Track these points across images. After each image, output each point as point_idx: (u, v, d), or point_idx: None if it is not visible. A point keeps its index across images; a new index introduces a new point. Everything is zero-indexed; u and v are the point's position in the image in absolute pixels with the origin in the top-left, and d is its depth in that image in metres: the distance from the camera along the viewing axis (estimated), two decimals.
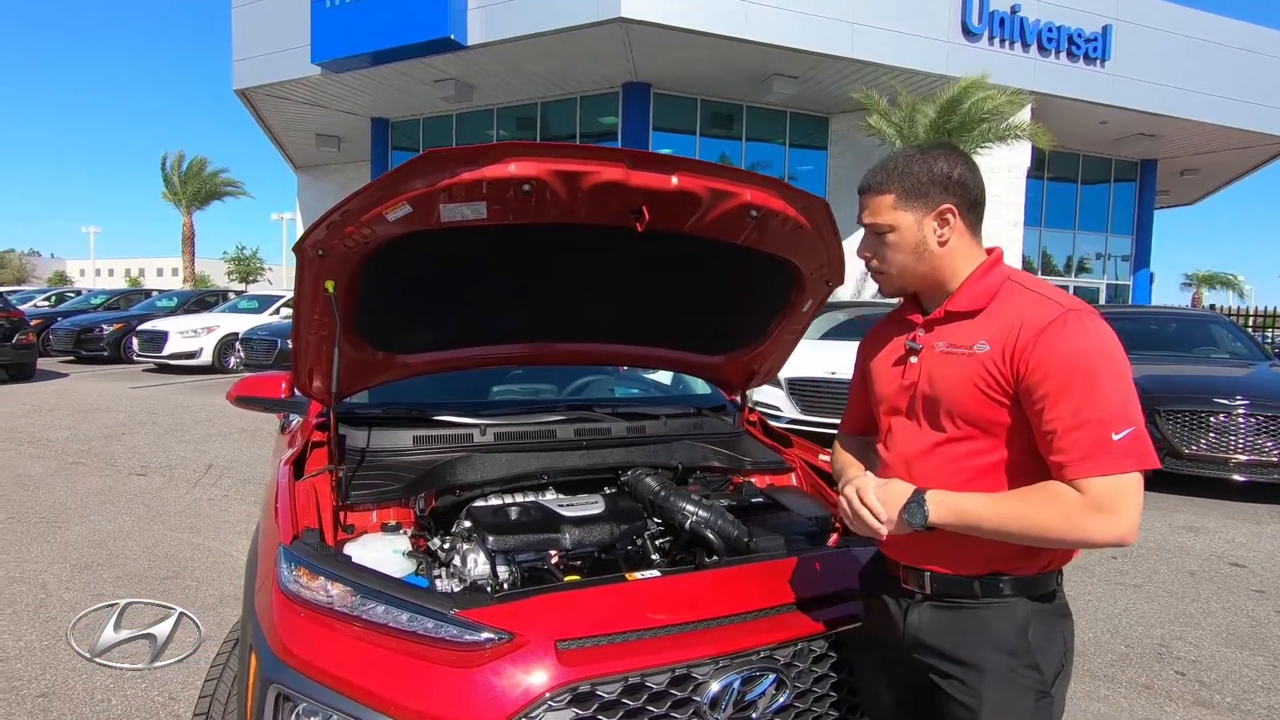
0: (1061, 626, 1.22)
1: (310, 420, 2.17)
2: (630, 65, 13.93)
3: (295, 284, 1.69)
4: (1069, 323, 1.11)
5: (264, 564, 1.56)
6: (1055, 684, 1.19)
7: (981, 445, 1.18)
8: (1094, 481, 1.06)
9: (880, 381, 1.34)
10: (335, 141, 18.92)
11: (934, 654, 1.22)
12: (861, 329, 8.29)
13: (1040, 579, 1.20)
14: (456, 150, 1.47)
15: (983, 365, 1.15)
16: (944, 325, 1.24)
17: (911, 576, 1.27)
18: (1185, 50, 15.17)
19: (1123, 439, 1.06)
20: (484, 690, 1.23)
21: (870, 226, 1.26)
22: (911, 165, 1.22)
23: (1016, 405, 1.14)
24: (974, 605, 1.20)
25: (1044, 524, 1.09)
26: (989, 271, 1.23)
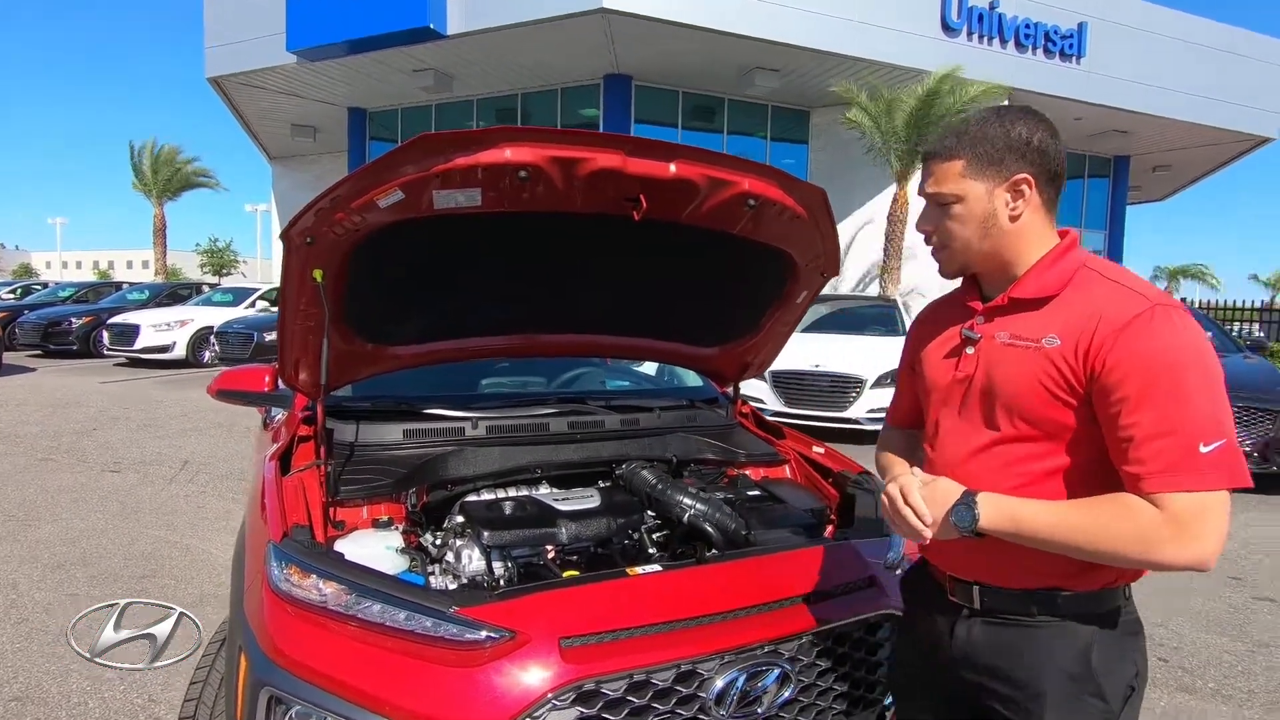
0: (1131, 647, 1.09)
1: (296, 414, 2.11)
2: (612, 57, 13.83)
3: (282, 272, 1.63)
4: (1156, 318, 0.98)
5: (252, 562, 1.51)
6: (1124, 710, 1.07)
7: (1041, 448, 1.07)
8: (1176, 497, 0.94)
9: (931, 372, 1.22)
10: (311, 132, 18.57)
11: (985, 673, 1.12)
12: (844, 322, 8.36)
13: (1103, 595, 1.08)
14: (451, 134, 1.42)
15: (1051, 361, 1.03)
16: (1007, 314, 1.11)
17: (958, 589, 1.16)
18: (1158, 48, 15.39)
19: (1212, 451, 0.94)
20: (485, 690, 1.20)
21: (933, 196, 1.12)
22: (986, 128, 1.09)
23: (1086, 407, 1.02)
24: (1030, 624, 1.09)
25: (1112, 540, 0.97)
26: (1062, 256, 1.09)
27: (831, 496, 2.10)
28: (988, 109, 1.14)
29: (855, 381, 7.00)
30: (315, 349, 1.80)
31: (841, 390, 7.04)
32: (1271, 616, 3.49)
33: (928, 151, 1.14)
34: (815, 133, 16.30)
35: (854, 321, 8.35)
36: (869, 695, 1.49)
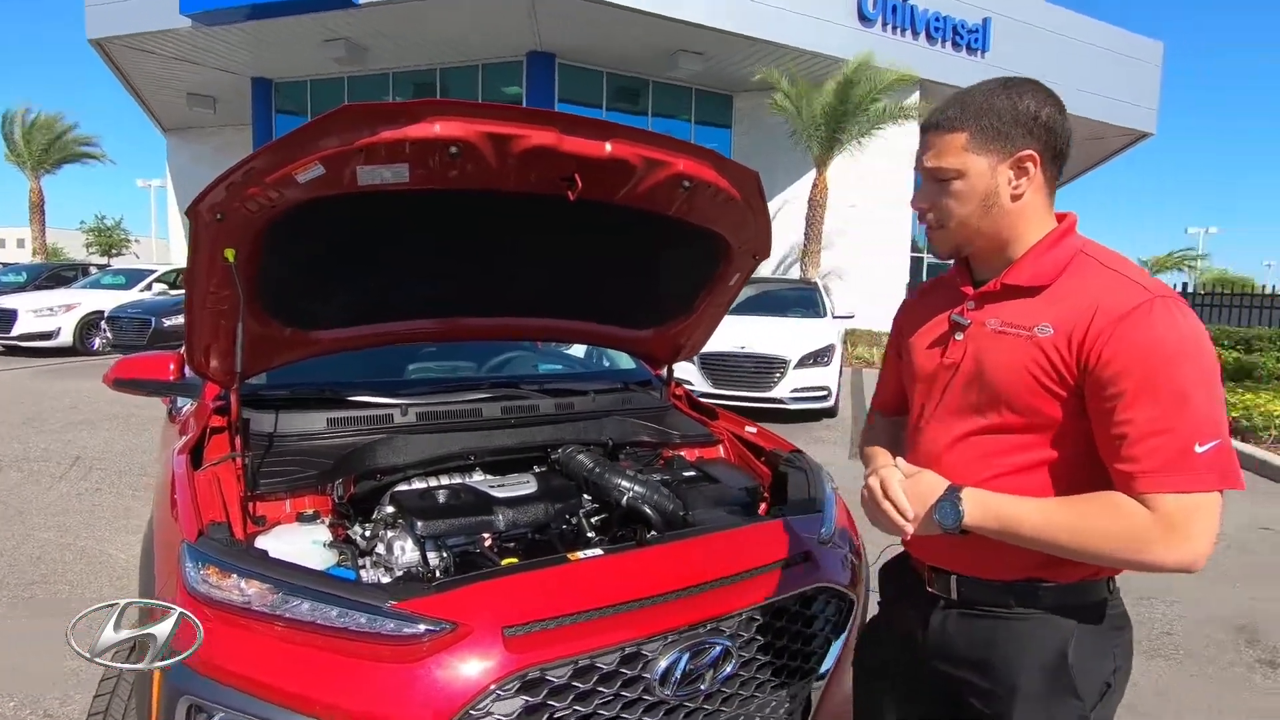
0: (1113, 642, 1.07)
1: (207, 404, 1.97)
2: (535, 34, 13.52)
3: (188, 251, 1.51)
4: (1155, 310, 0.94)
5: (163, 564, 1.41)
6: (1098, 708, 1.05)
7: (1026, 440, 1.03)
8: (1167, 498, 0.91)
9: (917, 358, 1.18)
10: (210, 102, 17.34)
11: (960, 665, 1.10)
12: (768, 304, 8.53)
13: (1085, 587, 1.05)
14: (377, 107, 1.35)
15: (1043, 351, 0.99)
16: (999, 300, 1.07)
17: (937, 579, 1.13)
18: (1053, 46, 16.36)
19: (1207, 452, 0.91)
20: (426, 685, 1.16)
21: (932, 171, 1.06)
22: (993, 100, 1.03)
23: (1075, 400, 0.99)
24: (1007, 616, 1.06)
25: (1100, 541, 0.94)
26: (1059, 241, 1.05)
27: (764, 475, 2.15)
28: (993, 79, 1.08)
29: (779, 362, 7.18)
30: (228, 334, 1.69)
31: (766, 371, 7.21)
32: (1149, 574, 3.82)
33: (928, 123, 1.08)
34: (738, 117, 16.51)
35: (777, 304, 8.55)
36: (805, 665, 1.53)
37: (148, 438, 6.01)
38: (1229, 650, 3.01)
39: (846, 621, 1.61)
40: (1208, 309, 16.93)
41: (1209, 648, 3.03)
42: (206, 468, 1.66)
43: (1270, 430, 6.50)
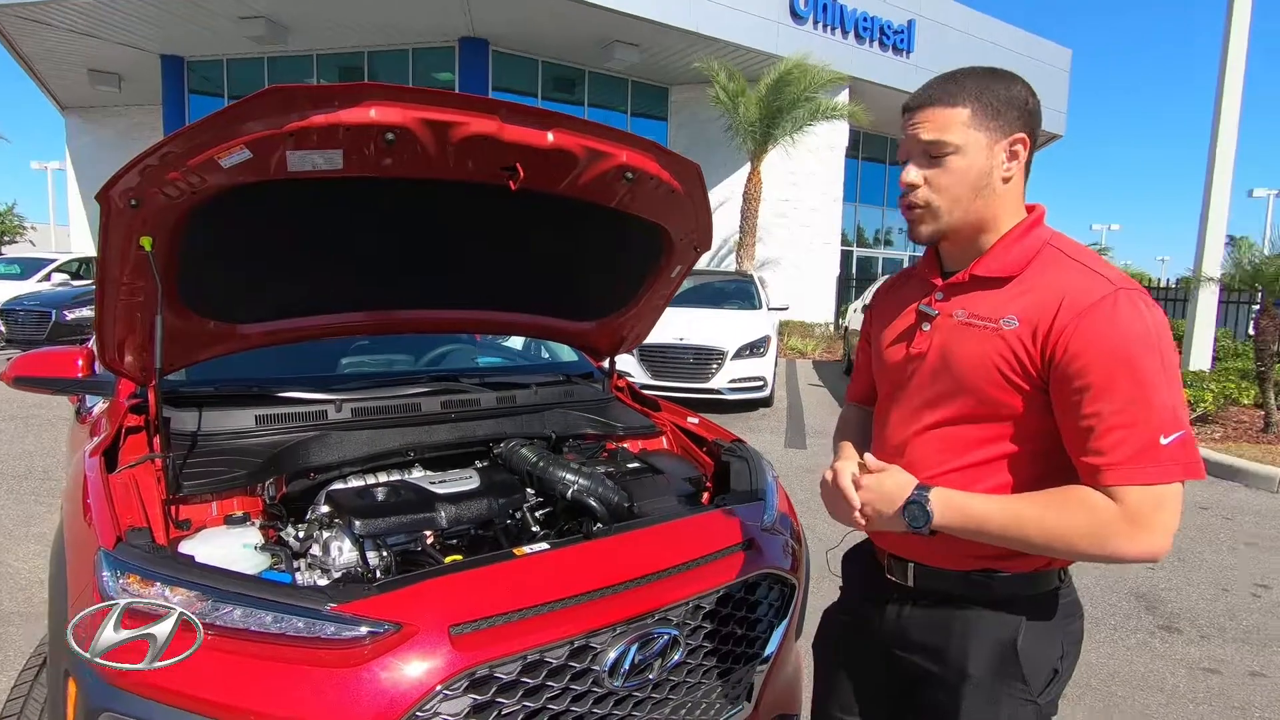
0: (1061, 629, 1.09)
1: (121, 402, 1.85)
2: (468, 19, 13.19)
3: (100, 240, 1.41)
4: (1120, 303, 0.94)
5: (76, 574, 1.32)
6: (1045, 691, 1.08)
7: (988, 433, 1.04)
8: (1133, 490, 0.92)
9: (885, 349, 1.18)
10: (115, 79, 16.19)
11: (915, 651, 1.13)
12: (705, 296, 8.63)
13: (1038, 577, 1.07)
14: (308, 88, 1.29)
15: (1008, 344, 0.99)
16: (967, 291, 1.07)
17: (895, 566, 1.15)
18: (972, 48, 17.08)
19: (1172, 443, 0.91)
20: (370, 688, 1.13)
21: (931, 145, 1.02)
22: (989, 82, 1.02)
23: (1039, 393, 0.99)
24: (961, 605, 1.08)
25: (1066, 535, 0.94)
26: (1028, 232, 1.05)
27: (707, 465, 2.17)
28: (975, 66, 1.07)
29: (717, 354, 7.28)
30: (144, 328, 1.58)
31: (704, 362, 7.30)
32: None
33: (923, 99, 1.05)
34: (674, 109, 16.58)
35: (714, 296, 8.67)
36: (749, 650, 1.56)
37: (50, 439, 5.60)
38: (1132, 617, 3.24)
39: (789, 606, 1.66)
40: None
41: (1114, 615, 3.25)
42: (122, 470, 1.56)
43: None
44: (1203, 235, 8.88)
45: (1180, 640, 3.06)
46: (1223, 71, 8.87)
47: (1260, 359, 7.03)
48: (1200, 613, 3.33)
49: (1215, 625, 3.21)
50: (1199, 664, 2.87)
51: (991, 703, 1.06)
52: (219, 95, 15.61)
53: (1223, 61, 8.89)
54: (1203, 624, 3.21)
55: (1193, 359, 8.99)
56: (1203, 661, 2.89)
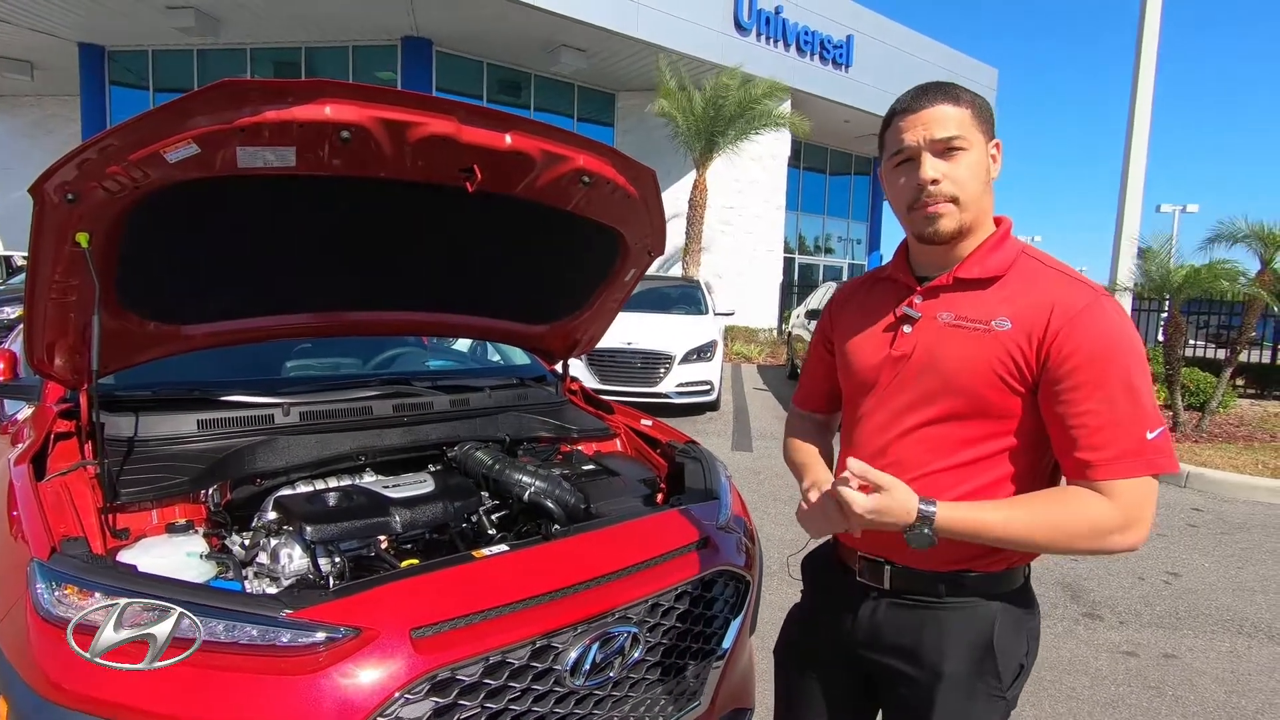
0: (1027, 623, 1.13)
1: (49, 407, 1.75)
2: (410, 18, 12.95)
3: (32, 236, 1.34)
4: (1104, 308, 1.00)
5: (6, 589, 1.24)
6: (1012, 687, 1.11)
7: (974, 431, 1.06)
8: (1125, 484, 0.96)
9: (857, 352, 1.18)
10: (27, 68, 15.23)
11: (889, 653, 1.13)
12: (653, 301, 8.68)
13: (1007, 575, 1.10)
14: (261, 83, 1.26)
15: (1003, 345, 1.02)
16: (950, 292, 1.09)
17: (868, 569, 1.16)
18: (906, 65, 17.77)
19: (1157, 438, 0.97)
20: (331, 695, 1.10)
21: (948, 140, 1.04)
22: (970, 90, 1.08)
23: (1029, 393, 1.03)
24: (937, 605, 1.10)
25: (1068, 534, 0.98)
26: (1004, 240, 1.10)
27: (661, 466, 2.20)
28: (941, 80, 1.11)
29: (665, 358, 7.35)
30: (78, 329, 1.51)
31: (652, 366, 7.35)
32: None
33: (928, 100, 1.06)
34: (621, 115, 16.65)
35: (662, 301, 8.74)
36: (706, 646, 1.60)
37: None
38: (1059, 606, 3.43)
39: (743, 601, 1.69)
40: None
41: (1042, 604, 3.42)
42: (52, 478, 1.48)
43: None
44: (1117, 248, 9.48)
45: (1102, 626, 3.25)
46: (1134, 99, 9.49)
47: (1169, 362, 7.53)
48: (1119, 600, 3.54)
49: (1132, 611, 3.42)
50: (1119, 648, 3.05)
51: (968, 699, 1.08)
52: (143, 88, 14.87)
53: (1134, 88, 9.51)
54: (1121, 611, 3.42)
55: None
56: (1122, 645, 3.08)
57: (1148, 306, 12.63)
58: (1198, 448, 6.67)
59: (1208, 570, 4.01)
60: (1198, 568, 4.04)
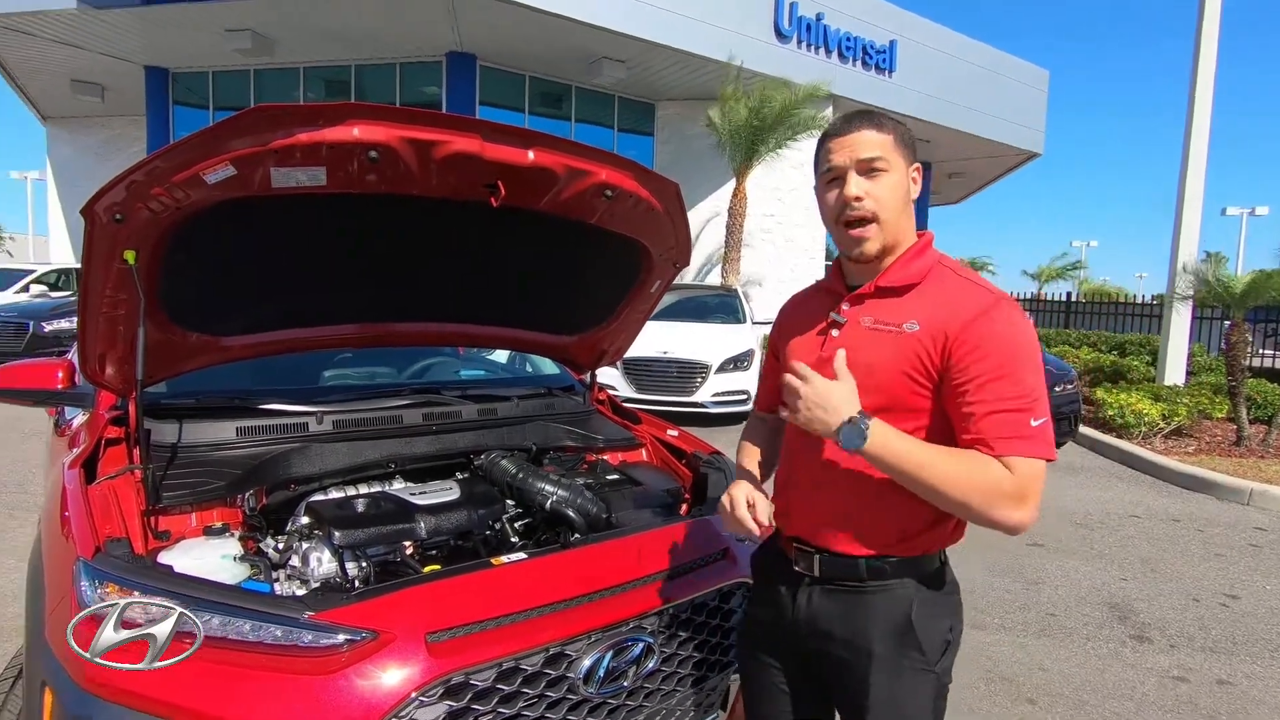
0: (946, 604, 1.23)
1: (101, 414, 1.86)
2: (455, 34, 13.26)
3: (84, 254, 1.44)
4: (1000, 310, 1.12)
5: (54, 584, 1.33)
6: (940, 660, 1.20)
7: (899, 426, 1.14)
8: (1017, 461, 1.07)
9: (795, 355, 1.29)
10: (98, 90, 16.07)
11: (823, 637, 1.23)
12: (689, 310, 8.69)
13: (923, 560, 1.21)
14: (293, 108, 1.32)
15: (910, 347, 1.14)
16: (872, 300, 1.21)
17: (801, 558, 1.26)
18: (951, 69, 17.42)
19: (1040, 426, 1.09)
20: (348, 696, 1.14)
21: (869, 161, 1.16)
22: (893, 119, 1.21)
23: (936, 386, 1.14)
24: (860, 589, 1.20)
25: (966, 488, 1.07)
26: (922, 252, 1.22)
27: (686, 477, 2.21)
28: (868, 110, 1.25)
29: (701, 367, 7.33)
30: (126, 340, 1.60)
31: (688, 376, 7.34)
32: (1040, 559, 4.14)
33: (854, 125, 1.18)
34: (660, 125, 16.71)
35: (698, 309, 8.73)
36: (723, 659, 1.59)
37: (28, 451, 5.53)
38: (1105, 627, 3.30)
39: None
40: (1089, 315, 18.40)
41: (1087, 625, 3.31)
42: (101, 481, 1.57)
43: (1140, 427, 7.14)
44: (1175, 256, 9.09)
45: (1151, 649, 3.12)
46: (1192, 101, 9.12)
47: (1232, 374, 7.19)
48: (1170, 622, 3.39)
49: (1184, 635, 3.27)
50: (1168, 672, 2.93)
51: (895, 674, 1.17)
52: (204, 107, 15.56)
53: (1192, 87, 9.14)
54: (1172, 633, 3.28)
55: (1168, 373, 9.17)
56: (1172, 670, 2.95)
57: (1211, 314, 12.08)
58: (1263, 463, 6.35)
59: (1270, 593, 3.81)
60: (1259, 590, 3.84)
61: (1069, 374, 7.11)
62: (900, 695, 1.17)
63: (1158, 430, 7.15)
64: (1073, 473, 6.30)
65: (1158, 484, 6.05)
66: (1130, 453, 6.73)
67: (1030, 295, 21.70)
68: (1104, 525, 4.85)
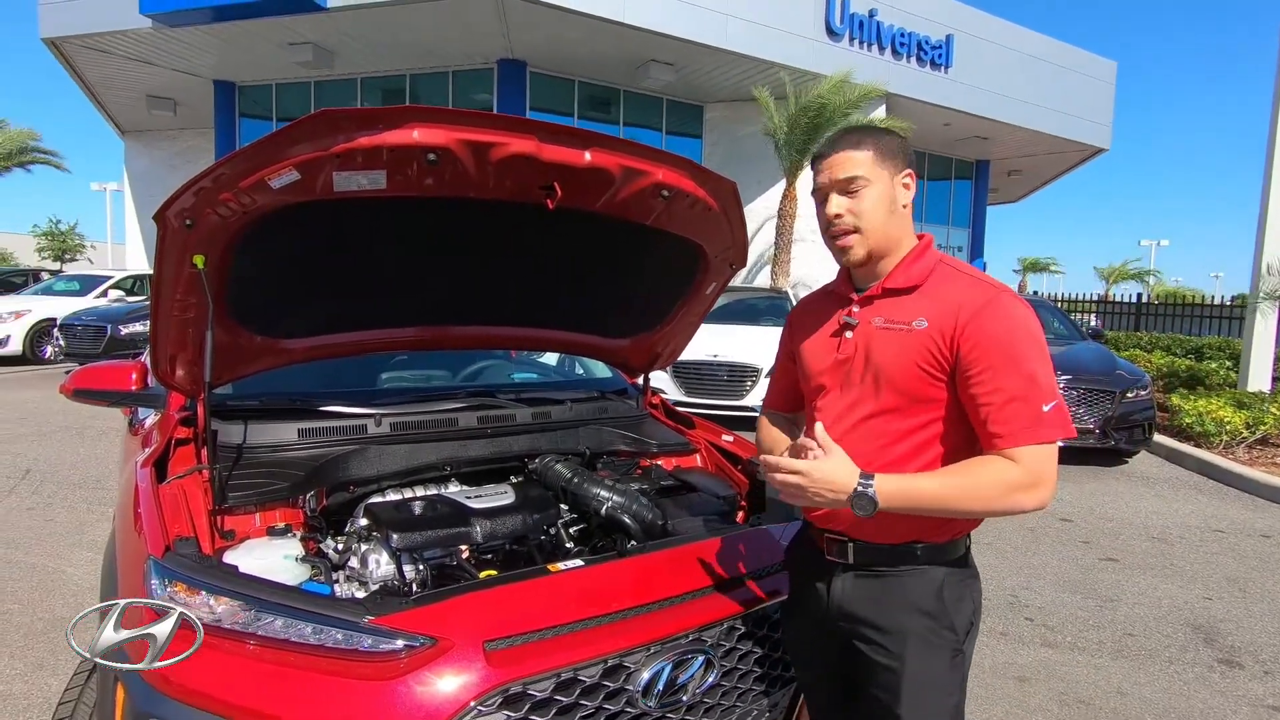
0: (971, 588, 1.29)
1: (172, 415, 1.91)
2: (506, 41, 13.47)
3: (156, 259, 1.47)
4: (1002, 303, 1.18)
5: (127, 581, 1.36)
6: (966, 641, 1.27)
7: (911, 419, 1.23)
8: (1025, 451, 1.13)
9: (812, 357, 1.36)
10: (170, 104, 16.90)
11: (857, 621, 1.27)
12: (739, 313, 8.59)
13: (951, 545, 1.27)
14: (355, 112, 1.33)
15: (921, 343, 1.20)
16: (880, 300, 1.28)
17: (835, 547, 1.31)
18: (1012, 62, 16.83)
19: (1051, 410, 1.15)
20: (406, 702, 1.13)
21: (847, 181, 1.24)
22: (876, 132, 1.28)
23: (950, 381, 1.20)
24: (893, 573, 1.26)
25: (984, 495, 1.14)
26: (924, 254, 1.29)
27: (742, 483, 2.15)
28: (864, 124, 1.29)
29: (752, 371, 7.23)
30: (195, 343, 1.64)
31: (739, 379, 7.25)
32: (1115, 574, 3.93)
33: (833, 148, 1.27)
34: (709, 127, 16.63)
35: (748, 312, 8.63)
36: (786, 674, 1.53)
37: (102, 449, 5.81)
38: (1189, 650, 3.10)
39: None
40: (1161, 317, 17.52)
41: (1169, 648, 3.11)
42: (171, 480, 1.60)
43: (1221, 436, 6.73)
44: (1259, 254, 8.56)
45: (1242, 675, 2.91)
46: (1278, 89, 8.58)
47: None
48: (1264, 646, 3.16)
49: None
50: (1263, 701, 2.72)
51: (930, 650, 1.22)
52: (268, 119, 16.18)
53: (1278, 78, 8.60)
54: (1266, 659, 3.05)
55: (1251, 379, 8.63)
56: (1267, 699, 2.74)
57: None
58: None
59: None
60: None
61: (1142, 379, 6.75)
62: (934, 670, 1.22)
63: (1241, 439, 6.73)
64: (1148, 483, 5.98)
65: (1242, 496, 5.69)
66: (1211, 463, 6.34)
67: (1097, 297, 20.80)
68: (1183, 540, 4.57)
